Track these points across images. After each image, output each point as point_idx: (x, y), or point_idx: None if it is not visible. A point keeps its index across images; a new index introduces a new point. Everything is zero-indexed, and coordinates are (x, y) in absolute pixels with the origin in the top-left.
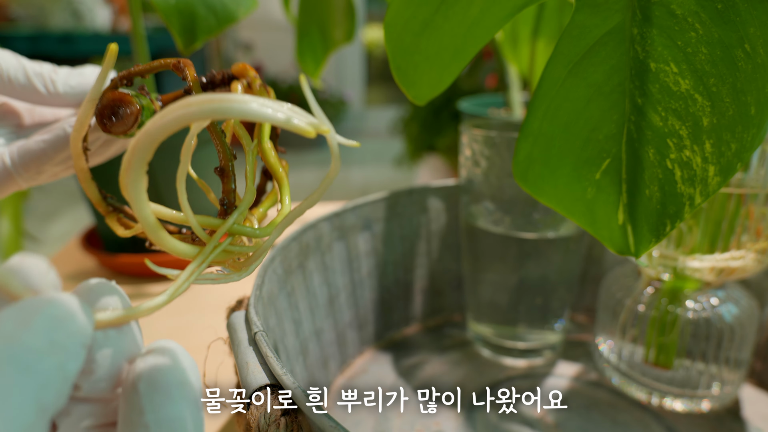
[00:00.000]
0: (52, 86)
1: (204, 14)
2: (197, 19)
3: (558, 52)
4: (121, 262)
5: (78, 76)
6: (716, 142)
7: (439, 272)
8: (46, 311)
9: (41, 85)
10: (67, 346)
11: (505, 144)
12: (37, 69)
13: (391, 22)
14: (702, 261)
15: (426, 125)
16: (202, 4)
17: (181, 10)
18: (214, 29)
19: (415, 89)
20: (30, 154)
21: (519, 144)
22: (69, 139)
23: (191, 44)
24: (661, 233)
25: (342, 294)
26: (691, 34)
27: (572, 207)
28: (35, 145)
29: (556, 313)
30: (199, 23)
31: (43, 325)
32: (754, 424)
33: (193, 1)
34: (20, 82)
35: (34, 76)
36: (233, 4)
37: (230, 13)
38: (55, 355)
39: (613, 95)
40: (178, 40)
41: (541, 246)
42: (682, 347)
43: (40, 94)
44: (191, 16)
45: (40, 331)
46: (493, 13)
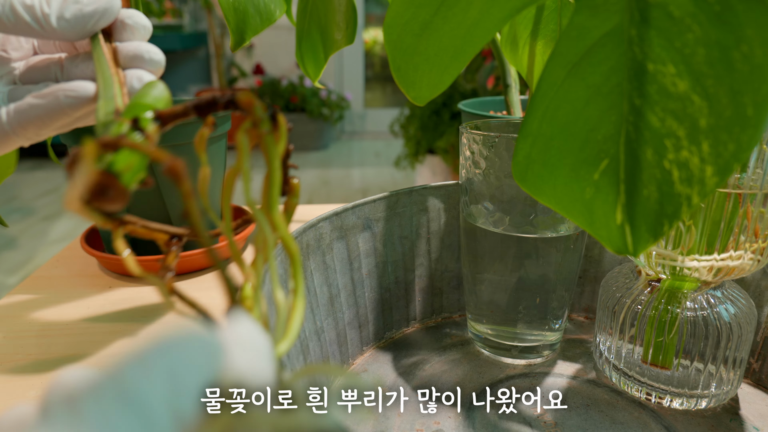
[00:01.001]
0: (44, 21)
1: (252, 14)
2: (248, 18)
3: (557, 53)
4: (120, 262)
5: (73, 4)
6: (714, 143)
7: (439, 272)
8: None
9: (32, 20)
10: None
11: (505, 144)
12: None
13: (391, 24)
14: (700, 261)
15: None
16: (251, 4)
17: (237, 9)
18: (258, 28)
19: (415, 90)
20: (26, 118)
21: (518, 144)
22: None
23: (241, 42)
24: (659, 233)
25: (342, 294)
26: (688, 36)
27: (571, 207)
28: (30, 110)
29: (556, 313)
30: (249, 22)
31: None
32: (751, 422)
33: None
34: (9, 19)
35: (23, 10)
36: (273, 5)
37: (270, 13)
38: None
39: (612, 96)
40: (232, 36)
41: (541, 246)
42: (681, 346)
43: (33, 30)
44: (244, 14)
45: None
46: (492, 14)
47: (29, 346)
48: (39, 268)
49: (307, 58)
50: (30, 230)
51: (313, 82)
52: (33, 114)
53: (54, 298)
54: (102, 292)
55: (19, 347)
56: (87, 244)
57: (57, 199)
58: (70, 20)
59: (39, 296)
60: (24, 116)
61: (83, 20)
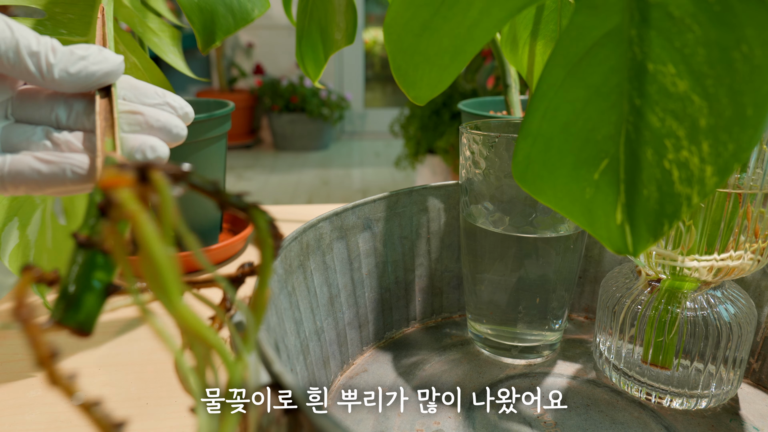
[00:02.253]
0: (47, 71)
1: (223, 13)
2: (217, 18)
3: (557, 53)
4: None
5: (79, 60)
6: (714, 143)
7: (439, 272)
8: None
9: (34, 68)
10: None
11: (505, 144)
12: (34, 46)
13: (391, 24)
14: (700, 261)
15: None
16: (221, 3)
17: (203, 8)
18: (231, 28)
19: (416, 90)
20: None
21: (518, 144)
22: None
23: (210, 43)
24: (659, 233)
25: (342, 294)
26: (688, 36)
27: (571, 207)
28: (30, 172)
29: (556, 313)
30: (219, 22)
31: None
32: (751, 422)
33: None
34: (10, 61)
35: (28, 55)
36: (248, 4)
37: (246, 12)
38: None
39: (612, 96)
40: (199, 38)
41: (541, 246)
42: (681, 346)
43: (31, 76)
44: (211, 14)
45: None
46: (492, 14)
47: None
48: None
49: (307, 58)
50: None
51: (313, 82)
52: (31, 178)
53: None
54: None
55: (19, 347)
56: None
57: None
58: (72, 75)
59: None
60: (20, 177)
61: (86, 78)
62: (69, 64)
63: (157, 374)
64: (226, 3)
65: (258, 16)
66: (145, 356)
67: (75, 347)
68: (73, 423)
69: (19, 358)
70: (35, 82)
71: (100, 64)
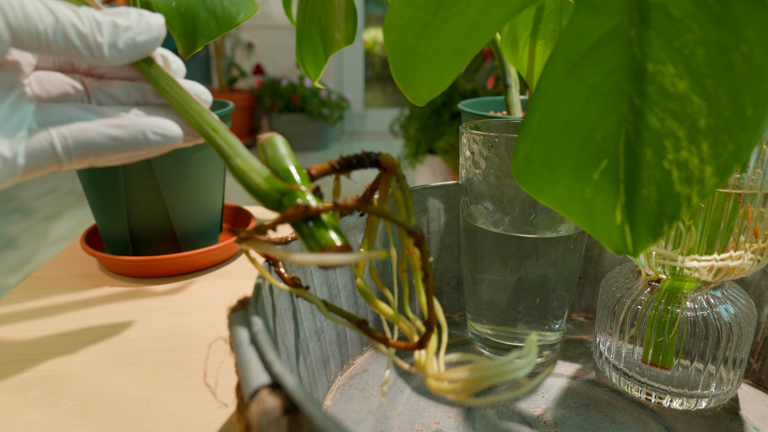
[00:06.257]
0: (97, 50)
1: (205, 18)
2: (198, 23)
3: (557, 53)
4: (120, 262)
5: (125, 32)
6: (713, 143)
7: (439, 272)
8: None
9: (85, 49)
10: None
11: (505, 144)
12: (80, 26)
13: (390, 24)
14: (700, 261)
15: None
16: (202, 7)
17: (182, 14)
18: (214, 33)
19: (415, 90)
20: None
21: (518, 144)
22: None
23: (192, 48)
24: (659, 233)
25: (342, 294)
26: (688, 36)
27: (571, 207)
28: (102, 138)
29: (556, 313)
30: (200, 27)
31: None
32: (751, 422)
33: (194, 5)
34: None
35: (76, 36)
36: (233, 8)
37: (230, 17)
38: None
39: (611, 96)
40: (179, 43)
41: (541, 246)
42: (681, 346)
43: (81, 56)
44: (192, 19)
45: None
46: (492, 14)
47: (29, 345)
48: (39, 268)
49: (307, 58)
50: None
51: (313, 82)
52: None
53: (54, 298)
54: (102, 292)
55: (19, 347)
56: (87, 245)
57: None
58: (122, 50)
59: (39, 296)
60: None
61: (135, 50)
62: (117, 39)
63: (157, 374)
64: (209, 7)
65: (244, 20)
66: (145, 356)
67: (75, 347)
68: (73, 423)
69: (19, 358)
70: (82, 61)
71: (146, 33)
